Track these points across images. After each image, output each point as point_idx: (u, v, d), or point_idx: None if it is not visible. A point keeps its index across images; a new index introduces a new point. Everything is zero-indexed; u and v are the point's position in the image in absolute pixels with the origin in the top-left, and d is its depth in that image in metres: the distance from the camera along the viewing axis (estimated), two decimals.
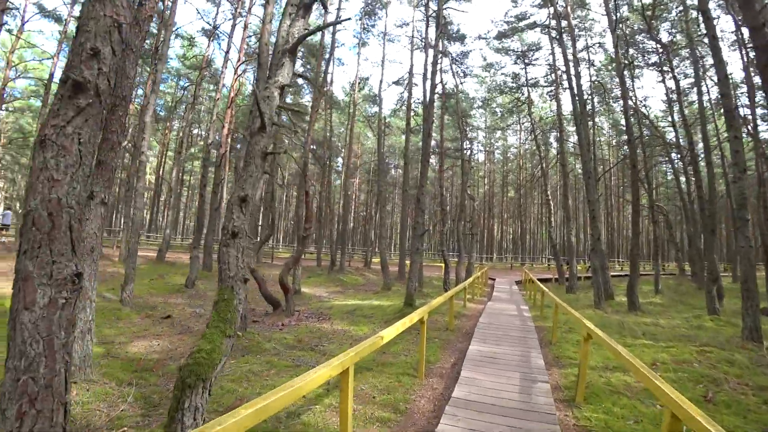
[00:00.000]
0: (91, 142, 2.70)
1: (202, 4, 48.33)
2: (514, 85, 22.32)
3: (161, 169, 27.81)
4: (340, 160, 21.25)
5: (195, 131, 28.99)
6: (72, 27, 17.83)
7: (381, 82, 19.74)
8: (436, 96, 18.98)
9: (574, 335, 8.00)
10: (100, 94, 2.70)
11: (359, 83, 20.50)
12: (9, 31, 16.64)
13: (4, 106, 16.76)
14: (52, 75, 15.39)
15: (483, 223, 41.27)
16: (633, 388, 5.18)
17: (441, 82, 19.05)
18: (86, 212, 5.72)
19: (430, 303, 6.78)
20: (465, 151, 19.64)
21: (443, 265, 13.61)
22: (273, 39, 9.39)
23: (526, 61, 21.18)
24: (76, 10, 15.43)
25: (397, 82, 20.89)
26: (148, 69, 16.36)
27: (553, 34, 18.83)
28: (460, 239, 15.40)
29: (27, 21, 15.49)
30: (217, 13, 18.45)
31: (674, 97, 19.01)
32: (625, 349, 3.79)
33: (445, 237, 17.90)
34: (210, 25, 17.35)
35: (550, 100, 23.46)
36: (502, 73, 23.57)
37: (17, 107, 21.51)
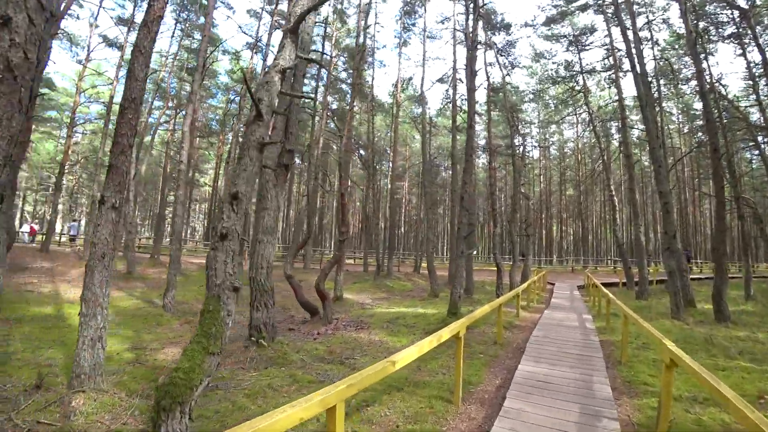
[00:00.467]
0: (5, 126, 2.20)
1: (245, 19, 50.49)
2: (568, 73, 20.36)
3: (217, 181, 29.03)
4: (391, 164, 20.79)
5: None
6: (128, 54, 18.97)
7: (423, 79, 18.84)
8: (483, 89, 17.77)
9: (649, 353, 6.57)
10: (12, 69, 2.19)
11: (402, 83, 19.80)
12: (79, 61, 18.17)
13: (76, 129, 18.29)
14: (112, 98, 16.41)
15: (540, 223, 38.50)
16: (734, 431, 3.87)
17: (487, 76, 17.83)
18: (98, 218, 5.50)
19: (470, 314, 5.80)
20: (517, 148, 18.13)
21: (496, 269, 12.38)
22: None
23: (579, 46, 19.20)
24: (132, 37, 16.47)
25: (441, 80, 19.87)
26: (190, 82, 16.89)
27: (609, 12, 16.88)
28: (514, 241, 13.99)
29: (92, 50, 16.73)
30: (258, 26, 18.85)
31: (758, 71, 16.24)
32: (723, 384, 2.64)
33: (498, 239, 16.51)
34: (252, 38, 17.74)
35: (609, 87, 21.11)
36: (553, 62, 21.65)
37: (90, 130, 23.55)
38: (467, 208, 9.43)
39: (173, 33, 19.37)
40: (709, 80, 15.43)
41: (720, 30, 17.41)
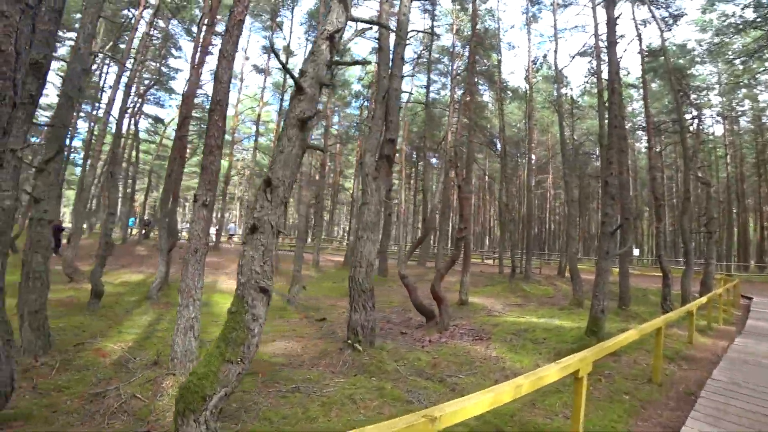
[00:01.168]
0: None
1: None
2: (760, 16, 14.14)
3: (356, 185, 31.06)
4: (527, 154, 18.23)
5: None
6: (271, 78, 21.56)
7: (556, 54, 15.71)
8: (634, 54, 13.96)
9: None
10: None
11: (534, 64, 17.08)
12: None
13: (237, 146, 22.02)
14: (259, 116, 18.85)
15: (728, 217, 28.40)
16: None
17: (638, 35, 13.89)
18: (192, 215, 5.74)
19: (603, 343, 3.96)
20: (688, 123, 13.56)
21: (661, 274, 9.23)
22: (393, 24, 8.16)
23: None
24: (273, 62, 18.64)
25: (582, 54, 16.50)
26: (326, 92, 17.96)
27: None
28: (687, 240, 10.22)
29: (244, 78, 19.79)
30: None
31: None
32: None
33: (665, 237, 12.58)
34: (376, 41, 17.96)
35: None
36: (735, 3, 15.47)
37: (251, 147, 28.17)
38: (612, 196, 7.10)
39: (305, 49, 21.45)
40: None
41: None
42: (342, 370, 5.95)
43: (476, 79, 16.18)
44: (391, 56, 7.50)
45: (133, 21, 15.29)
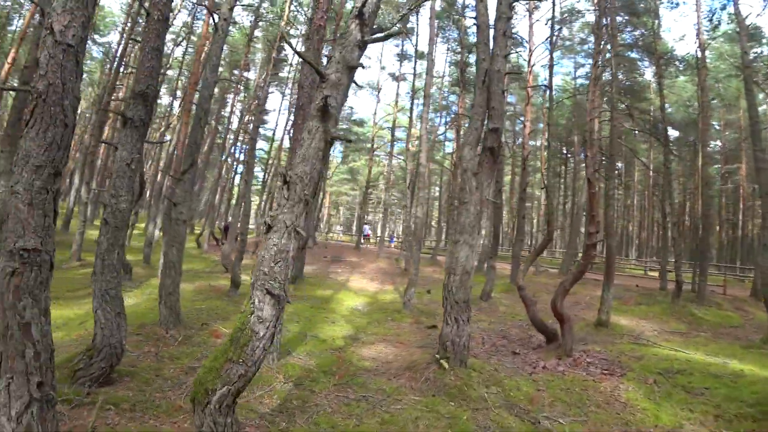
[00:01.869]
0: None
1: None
2: None
3: None
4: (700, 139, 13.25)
5: None
6: (406, 84, 21.46)
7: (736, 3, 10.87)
8: None
9: None
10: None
11: (709, 20, 12.32)
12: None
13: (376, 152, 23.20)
14: (395, 121, 19.19)
15: None
16: None
17: None
18: None
19: None
20: None
21: None
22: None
23: None
24: (405, 68, 18.41)
25: None
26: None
27: None
28: None
29: (381, 87, 20.53)
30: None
31: None
32: None
33: None
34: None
35: None
36: None
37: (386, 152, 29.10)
38: None
39: (446, 55, 20.98)
40: None
41: None
42: (421, 387, 5.34)
43: (627, 53, 12.93)
44: (491, 33, 6.50)
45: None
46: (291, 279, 11.45)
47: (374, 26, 3.45)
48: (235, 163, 25.04)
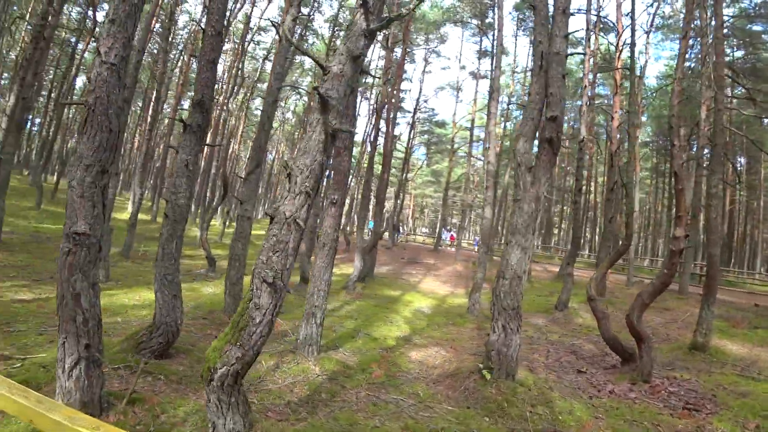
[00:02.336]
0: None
1: None
2: None
3: None
4: None
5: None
6: (486, 82, 20.50)
7: None
8: None
9: None
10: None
11: None
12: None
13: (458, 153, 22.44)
14: (472, 121, 18.43)
15: None
16: None
17: None
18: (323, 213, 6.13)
19: None
20: None
21: None
22: None
23: None
24: (484, 66, 17.53)
25: None
26: None
27: None
28: None
29: (461, 88, 19.79)
30: None
31: None
32: None
33: None
34: None
35: None
36: None
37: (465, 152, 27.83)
38: None
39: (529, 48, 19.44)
40: None
41: None
42: (457, 397, 5.00)
43: (748, 26, 10.35)
44: (550, 11, 5.84)
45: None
46: (360, 278, 11.84)
47: (383, 15, 3.34)
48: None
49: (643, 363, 6.11)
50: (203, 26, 5.00)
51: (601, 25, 12.73)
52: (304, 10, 16.96)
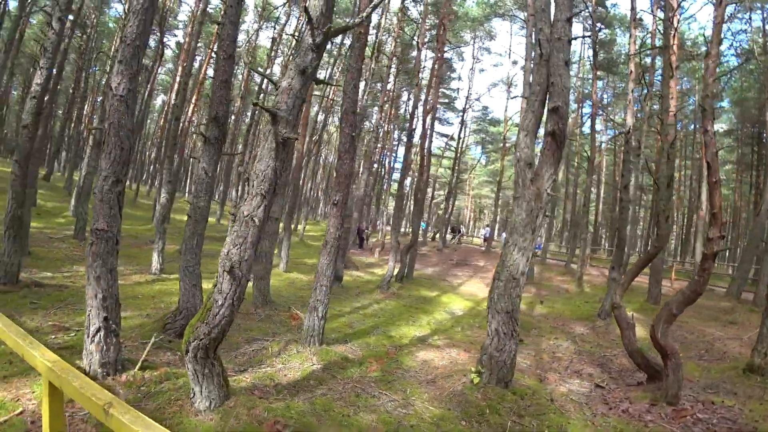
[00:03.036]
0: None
1: None
2: None
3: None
4: None
5: None
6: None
7: None
8: None
9: None
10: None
11: None
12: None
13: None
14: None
15: None
16: None
17: None
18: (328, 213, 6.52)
19: None
20: None
21: None
22: None
23: None
24: None
25: None
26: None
27: None
28: None
29: (514, 83, 19.04)
30: None
31: None
32: None
33: None
34: None
35: None
36: None
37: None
38: None
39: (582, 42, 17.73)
40: None
41: None
42: (442, 399, 5.00)
43: None
44: None
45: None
46: (398, 278, 12.06)
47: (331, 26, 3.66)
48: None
49: (669, 382, 5.48)
50: (216, 51, 5.78)
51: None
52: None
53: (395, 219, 12.64)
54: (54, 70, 10.52)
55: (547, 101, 5.60)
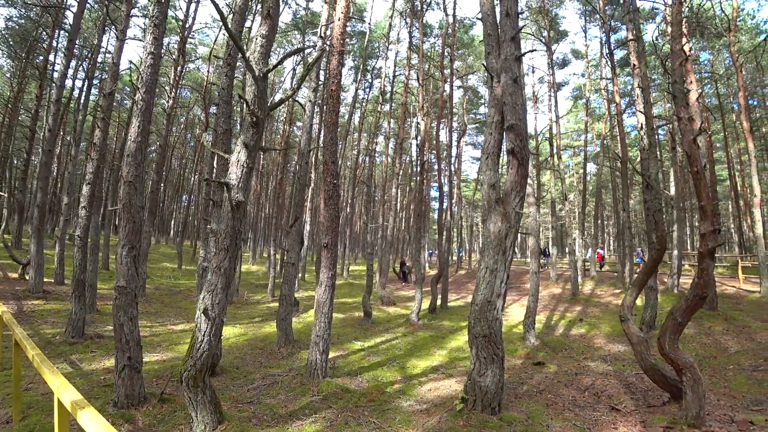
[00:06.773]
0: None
1: None
2: None
3: None
4: None
5: None
6: (562, 93, 18.48)
7: None
8: None
9: None
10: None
11: None
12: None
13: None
14: (550, 131, 17.27)
15: None
16: None
17: None
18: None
19: None
20: None
21: None
22: None
23: None
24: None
25: None
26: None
27: None
28: None
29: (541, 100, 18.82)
30: None
31: None
32: None
33: None
34: None
35: None
36: None
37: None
38: None
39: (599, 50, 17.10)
40: None
41: None
42: (428, 426, 5.20)
43: None
44: (497, 18, 6.07)
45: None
46: (430, 309, 12.33)
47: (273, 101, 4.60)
48: None
49: (688, 401, 5.11)
50: (214, 126, 7.11)
51: None
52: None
53: (415, 251, 13.03)
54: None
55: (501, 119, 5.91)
